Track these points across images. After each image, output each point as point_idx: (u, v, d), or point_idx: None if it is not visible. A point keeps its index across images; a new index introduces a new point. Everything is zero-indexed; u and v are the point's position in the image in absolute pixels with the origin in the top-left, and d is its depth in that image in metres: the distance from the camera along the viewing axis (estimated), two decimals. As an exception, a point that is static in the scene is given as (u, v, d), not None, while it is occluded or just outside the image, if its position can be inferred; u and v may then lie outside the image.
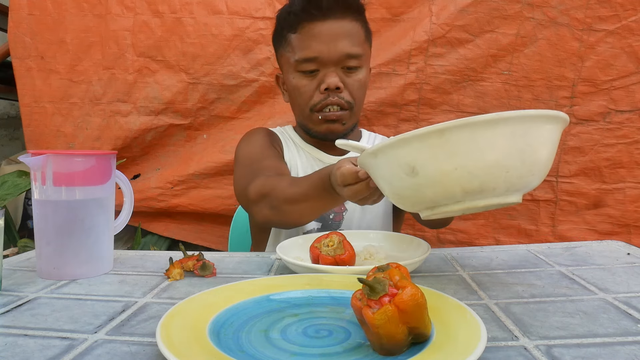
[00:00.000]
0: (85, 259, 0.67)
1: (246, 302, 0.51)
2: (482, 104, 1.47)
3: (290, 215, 0.81)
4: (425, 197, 0.50)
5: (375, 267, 0.43)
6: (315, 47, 0.95)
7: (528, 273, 0.67)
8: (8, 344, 0.45)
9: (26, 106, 1.57)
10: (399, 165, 0.48)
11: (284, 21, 1.00)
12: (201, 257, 0.68)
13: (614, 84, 1.42)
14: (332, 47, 0.94)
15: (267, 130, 1.11)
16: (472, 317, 0.43)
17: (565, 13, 1.40)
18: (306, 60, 0.96)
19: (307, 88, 0.98)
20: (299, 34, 0.96)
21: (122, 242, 1.65)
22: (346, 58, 0.95)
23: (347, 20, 0.96)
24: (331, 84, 0.95)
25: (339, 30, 0.95)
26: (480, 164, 0.45)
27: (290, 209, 0.80)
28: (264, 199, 0.83)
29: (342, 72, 0.97)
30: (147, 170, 1.63)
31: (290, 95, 1.04)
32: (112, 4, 1.53)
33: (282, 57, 1.03)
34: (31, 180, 0.66)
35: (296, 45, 0.97)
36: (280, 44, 1.03)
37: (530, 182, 0.48)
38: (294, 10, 0.96)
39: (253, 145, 1.03)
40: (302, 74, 0.98)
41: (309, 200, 0.76)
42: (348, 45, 0.95)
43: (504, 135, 0.45)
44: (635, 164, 1.44)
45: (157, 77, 1.54)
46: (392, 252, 0.74)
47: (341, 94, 0.97)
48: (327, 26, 0.94)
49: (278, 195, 0.80)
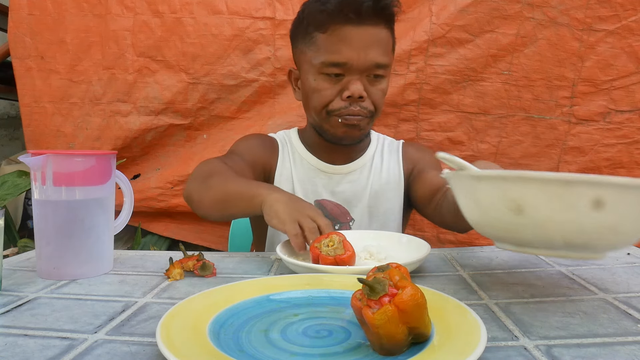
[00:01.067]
0: (85, 259, 0.67)
1: (246, 302, 0.51)
2: (482, 104, 1.47)
3: (205, 203, 0.85)
4: (519, 236, 0.47)
5: (375, 267, 0.43)
6: (345, 52, 0.89)
7: (528, 273, 0.67)
8: (8, 344, 0.45)
9: (26, 106, 1.57)
10: (504, 199, 0.45)
11: (312, 18, 0.92)
12: (201, 257, 0.68)
13: (614, 84, 1.42)
14: (363, 54, 0.89)
15: (262, 138, 1.08)
16: (472, 317, 0.43)
17: (565, 13, 1.40)
18: (333, 64, 0.90)
19: (329, 92, 0.92)
20: (329, 35, 0.90)
21: (122, 242, 1.65)
22: (374, 67, 0.91)
23: (380, 28, 0.90)
24: (355, 92, 0.90)
25: (372, 37, 0.89)
26: (595, 224, 0.43)
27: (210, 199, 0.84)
28: (199, 178, 0.87)
29: (367, 80, 0.92)
30: (147, 170, 1.63)
31: (306, 95, 0.98)
32: (112, 4, 1.53)
33: (303, 55, 0.96)
34: (31, 180, 0.66)
35: (323, 46, 0.91)
36: (303, 41, 0.96)
37: (629, 245, 0.47)
38: (327, 9, 0.89)
39: (238, 145, 1.04)
40: (325, 76, 0.92)
41: (230, 201, 0.81)
42: (379, 54, 0.90)
43: (633, 202, 0.42)
44: (635, 164, 1.44)
45: (157, 77, 1.54)
46: (392, 252, 0.74)
47: (363, 102, 0.92)
48: (360, 32, 0.88)
49: (210, 181, 0.84)
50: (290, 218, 0.70)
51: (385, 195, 1.04)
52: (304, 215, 0.70)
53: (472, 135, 1.50)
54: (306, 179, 1.04)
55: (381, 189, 1.04)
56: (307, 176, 1.04)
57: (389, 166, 1.06)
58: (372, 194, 1.04)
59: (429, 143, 1.51)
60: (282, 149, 1.06)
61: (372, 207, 1.04)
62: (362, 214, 1.03)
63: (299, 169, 1.05)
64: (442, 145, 1.51)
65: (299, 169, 1.05)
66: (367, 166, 1.06)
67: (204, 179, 0.87)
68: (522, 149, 1.49)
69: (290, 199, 0.75)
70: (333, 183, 1.04)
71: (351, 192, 1.03)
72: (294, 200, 0.75)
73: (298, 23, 0.98)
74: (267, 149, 1.05)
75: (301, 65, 0.98)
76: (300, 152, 1.06)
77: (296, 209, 0.72)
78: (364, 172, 1.05)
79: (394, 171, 1.06)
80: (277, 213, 0.71)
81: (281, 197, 0.74)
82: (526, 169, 1.50)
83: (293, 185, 1.03)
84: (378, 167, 1.06)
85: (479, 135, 1.50)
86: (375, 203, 1.04)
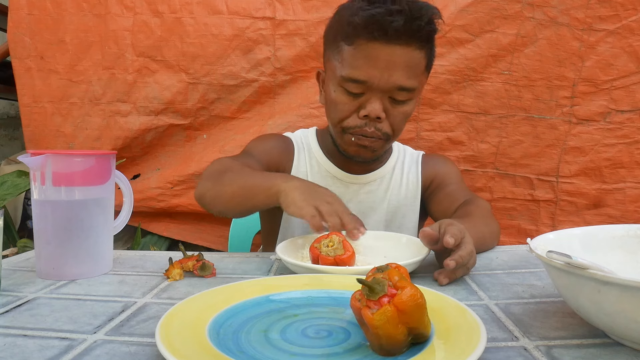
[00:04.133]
0: (85, 259, 0.67)
1: (246, 302, 0.50)
2: (482, 103, 1.47)
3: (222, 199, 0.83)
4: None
5: (375, 267, 0.43)
6: (367, 70, 0.83)
7: (528, 273, 0.66)
8: (7, 344, 0.45)
9: (26, 106, 1.57)
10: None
11: (341, 27, 0.86)
12: (201, 257, 0.68)
13: (614, 83, 1.42)
14: (386, 75, 0.82)
15: (278, 139, 1.03)
16: (472, 317, 0.43)
17: (565, 13, 1.40)
18: (353, 80, 0.84)
19: (346, 107, 0.87)
20: (354, 49, 0.84)
21: (122, 242, 1.65)
22: (397, 90, 0.84)
23: (411, 49, 0.83)
24: (372, 112, 0.84)
25: (399, 59, 0.82)
26: None
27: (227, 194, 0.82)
28: (212, 176, 0.85)
29: (389, 101, 0.86)
30: (147, 170, 1.63)
31: (326, 103, 0.93)
32: (111, 4, 1.53)
33: (329, 62, 0.91)
34: (30, 180, 0.66)
35: (347, 59, 0.85)
36: (331, 47, 0.90)
37: None
38: (355, 21, 0.82)
39: (252, 145, 1.01)
40: (345, 91, 0.86)
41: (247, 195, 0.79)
42: (403, 77, 0.83)
43: None
44: (635, 164, 1.44)
45: (157, 77, 1.54)
46: (392, 252, 0.74)
47: (380, 124, 0.87)
48: (387, 51, 0.81)
49: (225, 177, 0.82)
50: (307, 203, 0.68)
51: (402, 210, 1.01)
52: (321, 200, 0.69)
53: (472, 135, 1.50)
54: (323, 185, 1.01)
55: (399, 203, 1.01)
56: (324, 183, 0.98)
57: (408, 180, 1.03)
58: (390, 208, 1.01)
59: (429, 143, 1.51)
60: (299, 152, 1.02)
61: (388, 220, 1.01)
62: (377, 226, 0.99)
63: (316, 175, 1.00)
64: (442, 145, 1.51)
65: (316, 175, 1.00)
66: (387, 178, 1.02)
67: (218, 176, 0.84)
68: (522, 149, 1.49)
69: (307, 185, 0.73)
70: (350, 193, 0.99)
71: (368, 204, 1.00)
72: (311, 186, 0.73)
73: (330, 26, 0.92)
74: (282, 151, 1.01)
75: (327, 71, 0.94)
76: (317, 157, 1.01)
77: (313, 195, 0.70)
78: (383, 184, 1.01)
79: (413, 185, 1.03)
80: (294, 200, 0.70)
81: (298, 184, 0.72)
82: (526, 169, 1.50)
83: None
84: (398, 181, 1.02)
85: (479, 135, 1.49)
86: (391, 217, 1.01)
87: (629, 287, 0.38)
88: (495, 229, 0.86)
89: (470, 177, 1.51)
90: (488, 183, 1.52)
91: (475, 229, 0.70)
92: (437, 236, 0.64)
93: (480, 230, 0.76)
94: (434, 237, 0.64)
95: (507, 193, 1.52)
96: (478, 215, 0.83)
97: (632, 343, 0.42)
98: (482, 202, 0.91)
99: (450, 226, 0.63)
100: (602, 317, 0.42)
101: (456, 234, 0.62)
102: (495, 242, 0.85)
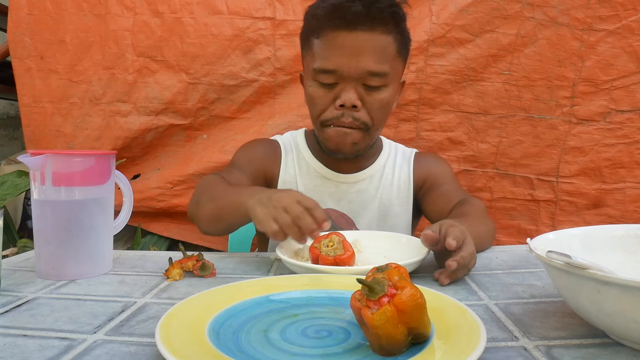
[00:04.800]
0: (85, 259, 0.67)
1: (246, 302, 0.50)
2: (482, 103, 1.47)
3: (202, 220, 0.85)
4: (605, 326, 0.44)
5: (375, 267, 0.43)
6: (335, 59, 0.85)
7: (528, 273, 0.67)
8: (7, 344, 0.45)
9: (26, 106, 1.57)
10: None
11: (308, 23, 0.90)
12: (201, 257, 0.68)
13: (614, 83, 1.42)
14: (354, 61, 0.84)
15: (263, 144, 1.04)
16: (472, 317, 0.43)
17: (565, 13, 1.40)
18: (324, 71, 0.87)
19: (322, 100, 0.89)
20: (321, 41, 0.87)
21: (122, 242, 1.65)
22: (368, 75, 0.85)
23: (377, 33, 0.84)
24: (347, 101, 0.86)
25: (365, 44, 0.84)
26: None
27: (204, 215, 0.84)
28: (195, 197, 0.88)
29: (364, 89, 0.87)
30: (147, 170, 1.62)
31: (307, 102, 0.95)
32: (111, 4, 1.53)
33: (304, 59, 0.95)
34: (30, 181, 0.66)
35: (317, 52, 0.88)
36: (305, 45, 0.94)
37: None
38: (319, 14, 0.86)
39: (238, 156, 1.02)
40: (319, 84, 0.89)
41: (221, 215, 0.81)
42: (372, 62, 0.85)
43: None
44: (635, 164, 1.44)
45: (157, 77, 1.54)
46: (392, 253, 0.74)
47: (357, 113, 0.87)
48: (351, 38, 0.84)
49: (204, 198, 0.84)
50: (267, 218, 0.66)
51: (394, 209, 1.01)
52: (278, 210, 0.66)
53: (472, 135, 1.50)
54: (312, 186, 0.99)
55: (391, 202, 1.01)
56: (313, 184, 0.99)
57: (399, 178, 1.02)
58: (381, 206, 1.00)
59: (429, 143, 1.51)
60: (286, 155, 1.02)
61: (379, 219, 1.00)
62: (369, 225, 0.99)
63: (305, 175, 1.00)
64: (442, 145, 1.51)
65: (305, 176, 1.00)
66: (377, 177, 1.01)
67: (199, 198, 0.86)
68: (522, 149, 1.48)
69: (267, 196, 0.70)
70: (340, 192, 0.99)
71: (358, 203, 1.00)
72: (270, 197, 0.69)
73: (302, 27, 0.95)
74: (268, 156, 1.01)
75: (304, 70, 0.96)
76: (306, 158, 1.01)
77: (270, 206, 0.67)
78: (373, 183, 1.01)
79: (405, 184, 1.02)
80: (256, 216, 0.68)
81: (260, 197, 0.70)
82: (526, 169, 1.50)
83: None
84: (389, 179, 1.02)
85: (479, 135, 1.49)
86: (383, 216, 1.00)
87: (628, 287, 0.38)
88: (492, 229, 0.86)
89: (470, 177, 1.51)
90: (488, 183, 1.52)
91: (473, 228, 0.70)
92: (438, 238, 0.64)
93: (478, 230, 0.76)
94: (435, 239, 0.64)
95: (507, 193, 1.52)
96: (475, 215, 0.83)
97: (632, 343, 0.42)
98: (477, 202, 0.91)
99: (451, 227, 0.64)
100: (602, 317, 0.42)
101: (458, 236, 0.62)
102: (491, 242, 0.85)
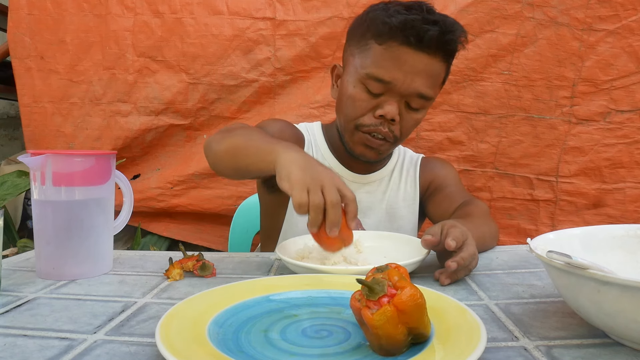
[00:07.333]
0: (85, 259, 0.67)
1: (246, 302, 0.50)
2: (482, 103, 1.47)
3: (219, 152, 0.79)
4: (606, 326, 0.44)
5: (375, 267, 0.43)
6: (393, 72, 0.84)
7: (528, 273, 0.66)
8: (7, 344, 0.45)
9: (26, 106, 1.57)
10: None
11: (374, 25, 0.87)
12: (201, 257, 0.68)
13: (614, 83, 1.42)
14: (409, 80, 0.84)
15: (291, 126, 1.02)
16: (472, 317, 0.43)
17: (565, 13, 1.40)
18: (377, 79, 0.85)
19: (364, 105, 0.88)
20: (384, 49, 0.85)
21: (122, 242, 1.65)
22: (416, 96, 0.86)
23: (437, 60, 0.86)
24: (389, 114, 0.86)
25: (425, 67, 0.85)
26: None
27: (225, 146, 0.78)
28: (222, 131, 0.83)
29: (404, 105, 0.88)
30: (147, 171, 1.63)
31: (340, 97, 0.93)
32: (112, 4, 1.53)
33: (352, 57, 0.91)
34: (30, 180, 0.66)
35: (374, 57, 0.86)
36: (357, 43, 0.90)
37: None
38: (391, 22, 0.83)
39: (266, 123, 0.97)
40: (365, 89, 0.87)
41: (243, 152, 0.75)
42: (424, 85, 0.85)
43: None
44: (635, 164, 1.44)
45: (157, 77, 1.54)
46: (392, 253, 0.74)
47: (393, 126, 0.88)
48: (415, 57, 0.84)
49: (232, 133, 0.80)
50: (300, 184, 0.61)
51: (400, 212, 1.03)
52: (316, 184, 0.61)
53: (472, 135, 1.50)
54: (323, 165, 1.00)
55: (397, 205, 1.03)
56: None
57: (406, 182, 1.04)
58: (388, 209, 1.02)
59: (429, 143, 1.51)
60: (307, 144, 1.01)
61: (386, 221, 1.02)
62: (376, 226, 1.00)
63: None
64: (441, 145, 1.51)
65: None
66: (386, 180, 1.03)
67: (227, 131, 0.82)
68: (522, 149, 1.49)
69: (308, 162, 0.65)
70: None
71: (366, 203, 1.01)
72: (312, 164, 0.65)
73: (359, 23, 0.92)
74: (293, 136, 1.00)
75: (347, 66, 0.93)
76: (323, 152, 1.01)
77: (312, 175, 0.62)
78: (382, 186, 1.03)
79: (411, 187, 1.04)
80: (289, 175, 0.63)
81: (298, 158, 0.65)
82: (526, 169, 1.50)
83: None
84: (396, 183, 1.04)
85: (479, 135, 1.49)
86: (390, 218, 1.02)
87: (628, 287, 0.38)
88: (495, 230, 0.86)
89: (469, 177, 1.52)
90: (487, 183, 1.52)
91: (476, 229, 0.70)
92: (438, 241, 0.64)
93: (481, 230, 0.76)
94: (435, 243, 0.64)
95: (507, 193, 1.52)
96: (478, 216, 0.84)
97: (632, 343, 0.42)
98: (481, 203, 0.92)
99: (452, 228, 0.63)
100: (602, 317, 0.42)
101: (458, 236, 0.62)
102: (494, 243, 0.85)
